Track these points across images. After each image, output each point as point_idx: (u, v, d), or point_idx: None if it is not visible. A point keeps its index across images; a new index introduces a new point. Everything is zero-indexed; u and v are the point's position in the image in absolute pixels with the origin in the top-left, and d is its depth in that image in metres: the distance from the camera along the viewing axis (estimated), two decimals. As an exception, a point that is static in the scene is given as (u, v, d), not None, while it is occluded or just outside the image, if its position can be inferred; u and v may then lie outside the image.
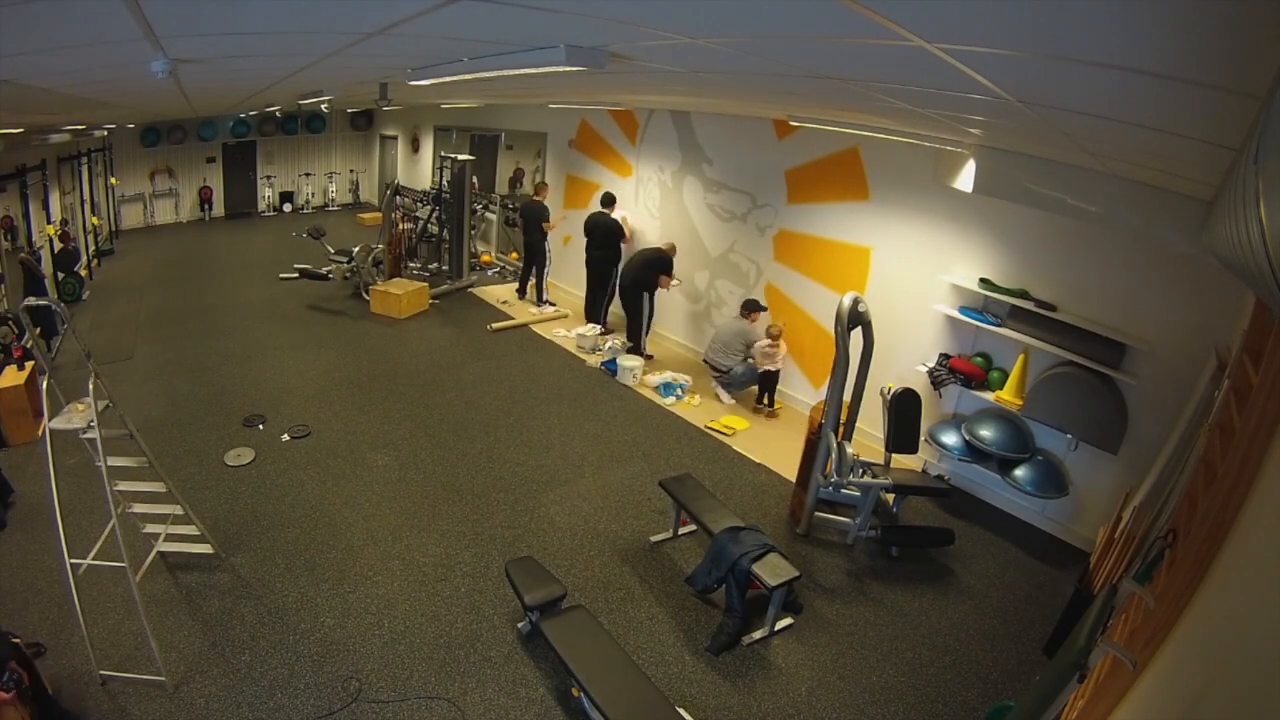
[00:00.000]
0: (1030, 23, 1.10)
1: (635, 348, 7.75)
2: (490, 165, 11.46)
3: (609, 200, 8.24)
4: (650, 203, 8.32)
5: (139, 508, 3.87)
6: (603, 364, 7.44)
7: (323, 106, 11.43)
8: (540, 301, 9.44)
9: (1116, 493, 4.35)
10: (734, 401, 6.87)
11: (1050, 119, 2.14)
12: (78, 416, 3.20)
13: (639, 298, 7.58)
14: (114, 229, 12.93)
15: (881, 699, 3.47)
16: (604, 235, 8.11)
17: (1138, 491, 3.94)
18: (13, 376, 5.42)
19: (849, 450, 4.43)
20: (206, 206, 14.70)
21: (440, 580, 4.11)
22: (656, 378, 7.05)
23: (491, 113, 10.97)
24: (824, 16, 1.34)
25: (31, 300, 3.21)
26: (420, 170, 14.05)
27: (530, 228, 9.14)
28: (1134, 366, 4.42)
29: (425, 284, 9.37)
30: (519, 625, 3.74)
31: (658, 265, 7.43)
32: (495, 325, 8.60)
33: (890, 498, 4.94)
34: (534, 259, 9.31)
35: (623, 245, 8.15)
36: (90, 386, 3.15)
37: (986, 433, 4.92)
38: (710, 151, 7.37)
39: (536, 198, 9.13)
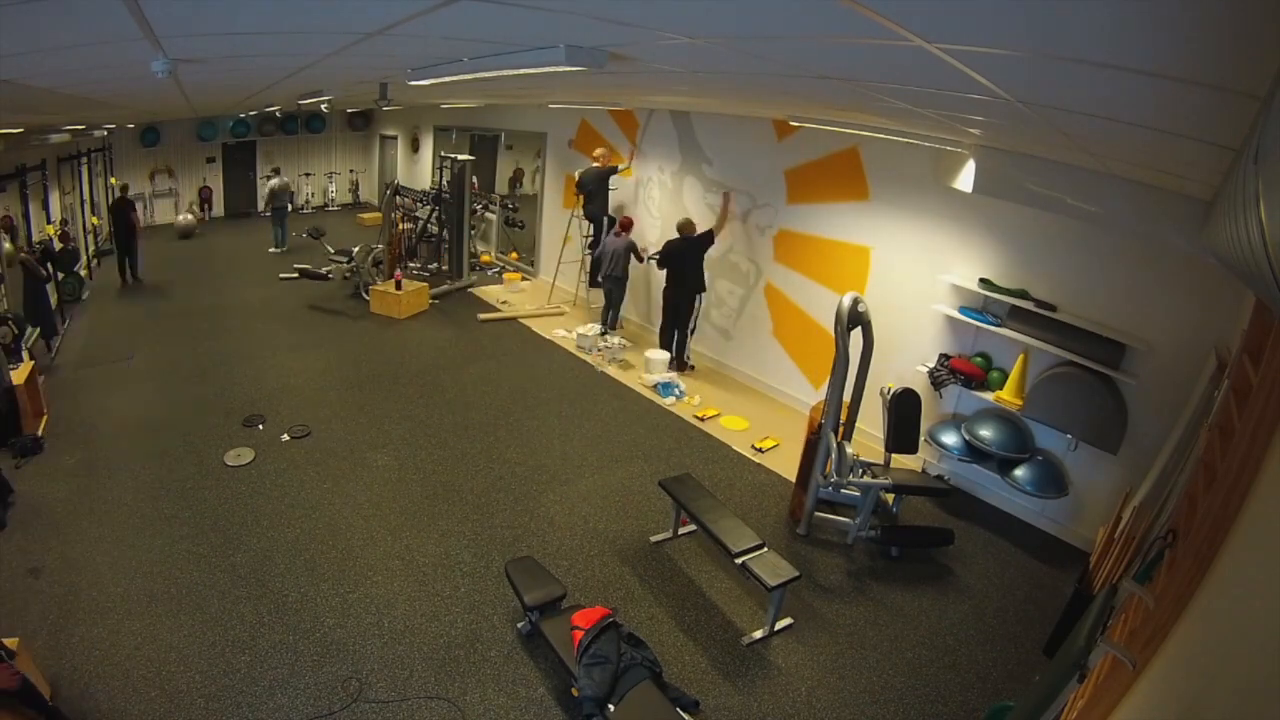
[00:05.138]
0: (1030, 23, 1.10)
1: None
2: (490, 165, 11.47)
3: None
4: (650, 203, 8.32)
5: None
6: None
7: (323, 106, 11.39)
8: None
9: (1116, 493, 4.36)
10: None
11: (1050, 119, 2.14)
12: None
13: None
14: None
15: (881, 699, 3.47)
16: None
17: (1138, 491, 3.94)
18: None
19: (849, 450, 4.43)
20: (206, 206, 14.70)
21: (440, 580, 4.11)
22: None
23: (491, 113, 10.97)
24: (824, 16, 1.34)
25: None
26: (420, 170, 14.05)
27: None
28: (1134, 366, 4.41)
29: (425, 284, 9.38)
30: (519, 625, 3.74)
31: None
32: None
33: (890, 498, 4.94)
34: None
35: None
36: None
37: (986, 433, 4.92)
38: (710, 151, 7.37)
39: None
